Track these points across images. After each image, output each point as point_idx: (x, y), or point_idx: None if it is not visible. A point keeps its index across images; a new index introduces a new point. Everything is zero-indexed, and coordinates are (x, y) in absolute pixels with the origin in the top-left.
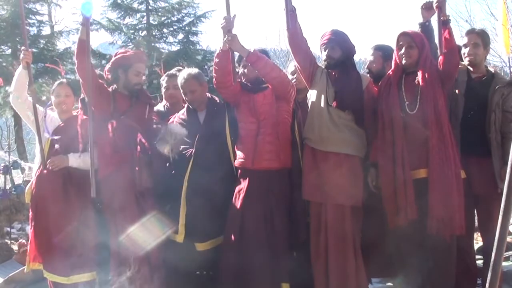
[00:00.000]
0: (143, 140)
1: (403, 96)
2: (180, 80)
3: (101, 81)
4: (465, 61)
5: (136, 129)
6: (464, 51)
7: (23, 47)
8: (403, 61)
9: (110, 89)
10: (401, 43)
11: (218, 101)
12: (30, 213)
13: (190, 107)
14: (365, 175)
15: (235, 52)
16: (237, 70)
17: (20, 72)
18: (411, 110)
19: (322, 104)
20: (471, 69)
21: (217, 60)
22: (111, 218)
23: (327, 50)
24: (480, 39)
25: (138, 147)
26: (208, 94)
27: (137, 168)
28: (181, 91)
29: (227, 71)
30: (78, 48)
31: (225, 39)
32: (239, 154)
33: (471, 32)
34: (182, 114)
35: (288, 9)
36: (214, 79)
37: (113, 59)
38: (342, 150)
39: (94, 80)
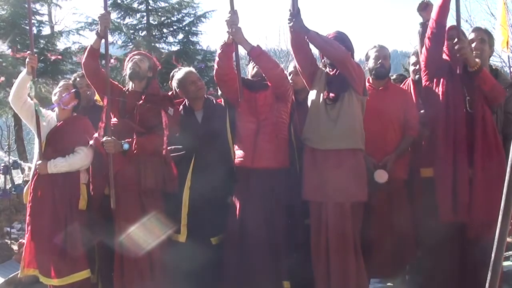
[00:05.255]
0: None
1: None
2: (179, 77)
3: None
4: None
5: (137, 129)
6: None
7: (28, 52)
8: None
9: (125, 89)
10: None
11: (214, 102)
12: (27, 217)
13: (187, 105)
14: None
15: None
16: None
17: (23, 77)
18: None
19: (320, 104)
20: None
21: (220, 51)
22: (115, 218)
23: None
24: (486, 36)
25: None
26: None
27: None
28: (183, 87)
29: (228, 64)
30: (88, 55)
31: (229, 30)
32: (239, 153)
33: (478, 29)
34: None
35: (294, 10)
36: (215, 72)
37: None
38: (342, 146)
39: (107, 81)
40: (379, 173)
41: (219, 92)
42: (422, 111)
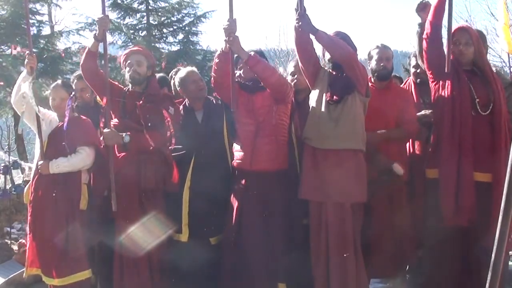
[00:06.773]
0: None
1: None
2: (181, 75)
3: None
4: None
5: (137, 129)
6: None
7: (27, 51)
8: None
9: (125, 89)
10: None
11: (214, 102)
12: (29, 217)
13: (187, 105)
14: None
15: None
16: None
17: (23, 77)
18: (484, 111)
19: (322, 103)
20: None
21: (217, 60)
22: (115, 218)
23: None
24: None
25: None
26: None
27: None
28: (185, 86)
29: (226, 72)
30: (86, 58)
31: (226, 39)
32: (237, 155)
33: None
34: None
35: (301, 9)
36: (212, 79)
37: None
38: (342, 146)
39: (107, 82)
40: (398, 165)
41: None
42: (422, 111)
